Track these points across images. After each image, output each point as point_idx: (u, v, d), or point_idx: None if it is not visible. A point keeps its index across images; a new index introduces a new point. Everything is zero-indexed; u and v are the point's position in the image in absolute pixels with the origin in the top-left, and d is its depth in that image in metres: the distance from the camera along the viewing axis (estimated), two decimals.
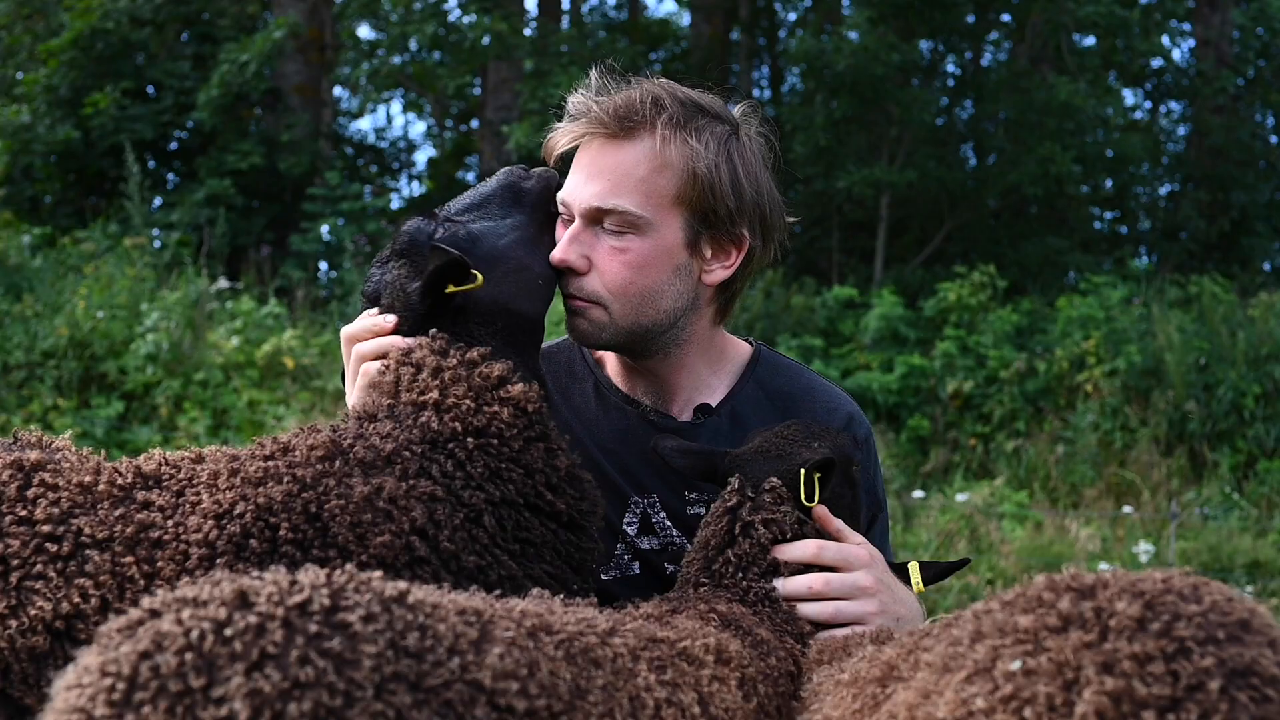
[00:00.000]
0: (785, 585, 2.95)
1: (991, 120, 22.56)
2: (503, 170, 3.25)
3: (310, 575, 1.88)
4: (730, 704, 2.42)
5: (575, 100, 3.29)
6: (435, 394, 2.77)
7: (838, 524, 3.06)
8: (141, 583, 2.38)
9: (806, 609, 2.93)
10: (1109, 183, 24.06)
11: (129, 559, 2.40)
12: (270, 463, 2.59)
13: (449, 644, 1.89)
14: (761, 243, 3.41)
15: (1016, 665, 1.80)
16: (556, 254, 3.19)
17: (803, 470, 3.01)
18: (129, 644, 1.75)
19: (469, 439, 2.70)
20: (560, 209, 3.29)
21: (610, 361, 3.59)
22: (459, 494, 2.62)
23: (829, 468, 3.01)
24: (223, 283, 15.91)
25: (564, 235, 3.22)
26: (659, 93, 3.27)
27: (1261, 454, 14.03)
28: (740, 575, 2.95)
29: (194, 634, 1.73)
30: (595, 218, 3.21)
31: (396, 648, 1.81)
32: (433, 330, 2.93)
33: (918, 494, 13.13)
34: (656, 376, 3.48)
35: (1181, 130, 26.50)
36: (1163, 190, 25.47)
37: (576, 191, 3.21)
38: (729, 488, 3.07)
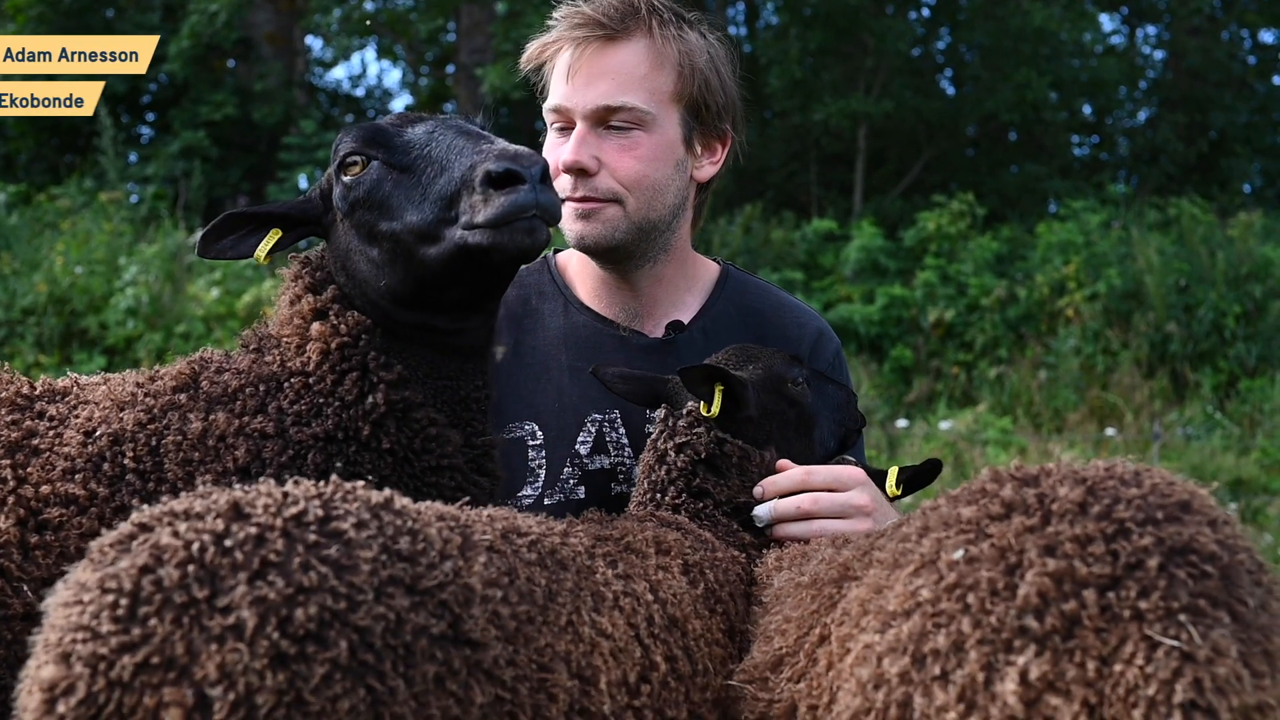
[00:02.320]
0: (776, 507, 2.95)
1: (968, 48, 22.46)
2: (488, 155, 2.59)
3: (301, 487, 1.92)
4: (677, 589, 2.47)
5: (567, 10, 3.35)
6: (275, 330, 2.84)
7: (800, 469, 3.05)
8: (12, 484, 2.51)
9: (794, 528, 2.94)
10: (1087, 108, 24.00)
11: (5, 461, 2.54)
12: (138, 388, 2.70)
13: (439, 548, 1.94)
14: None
15: (959, 554, 1.83)
16: (568, 156, 3.24)
17: (680, 380, 3.05)
18: (127, 558, 1.77)
19: (294, 379, 2.73)
20: (551, 116, 3.35)
21: (584, 283, 3.60)
22: (288, 431, 2.66)
23: (721, 377, 3.00)
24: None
25: (571, 139, 3.27)
26: None
27: (1243, 373, 14.11)
28: (663, 498, 2.99)
29: (194, 546, 1.76)
30: (601, 118, 3.27)
31: (390, 552, 1.86)
32: (294, 255, 2.95)
33: (901, 423, 13.19)
34: (636, 291, 3.52)
35: (1159, 54, 26.41)
36: (1141, 114, 25.41)
37: (577, 95, 3.27)
38: (658, 419, 3.14)
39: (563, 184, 3.29)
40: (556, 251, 3.73)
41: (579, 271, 3.61)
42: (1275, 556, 8.86)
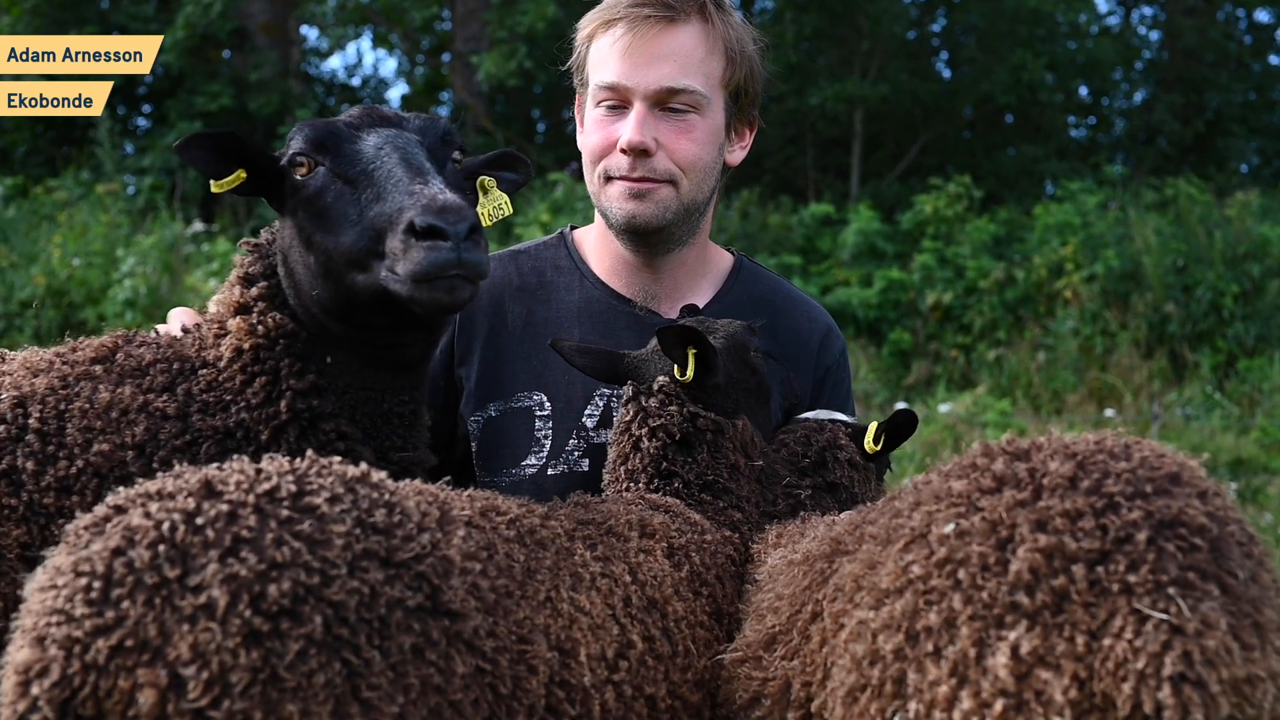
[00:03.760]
0: None
1: (963, 30, 22.42)
2: (416, 202, 2.46)
3: (275, 464, 1.93)
4: (658, 572, 2.49)
5: None
6: (206, 313, 2.83)
7: None
8: None
9: None
10: (1083, 89, 23.98)
11: None
12: (57, 356, 2.70)
13: (417, 520, 1.95)
14: None
15: (950, 528, 1.84)
16: (632, 136, 3.27)
17: (658, 347, 3.04)
18: (100, 541, 1.78)
19: (206, 369, 2.71)
20: (602, 94, 3.36)
21: (601, 260, 3.64)
22: (190, 416, 2.64)
23: (696, 340, 2.98)
24: (198, 225, 15.80)
25: (631, 119, 3.29)
26: None
27: (1242, 353, 14.09)
28: (636, 485, 2.97)
29: (165, 526, 1.76)
30: (661, 99, 3.30)
31: (364, 525, 1.86)
32: (244, 241, 2.90)
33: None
34: (658, 274, 3.57)
35: (1154, 35, 26.37)
36: (1137, 95, 25.39)
37: (638, 75, 3.29)
38: (624, 398, 3.12)
39: (620, 163, 3.34)
40: (574, 228, 3.78)
41: (596, 248, 3.66)
42: (1276, 536, 8.87)
